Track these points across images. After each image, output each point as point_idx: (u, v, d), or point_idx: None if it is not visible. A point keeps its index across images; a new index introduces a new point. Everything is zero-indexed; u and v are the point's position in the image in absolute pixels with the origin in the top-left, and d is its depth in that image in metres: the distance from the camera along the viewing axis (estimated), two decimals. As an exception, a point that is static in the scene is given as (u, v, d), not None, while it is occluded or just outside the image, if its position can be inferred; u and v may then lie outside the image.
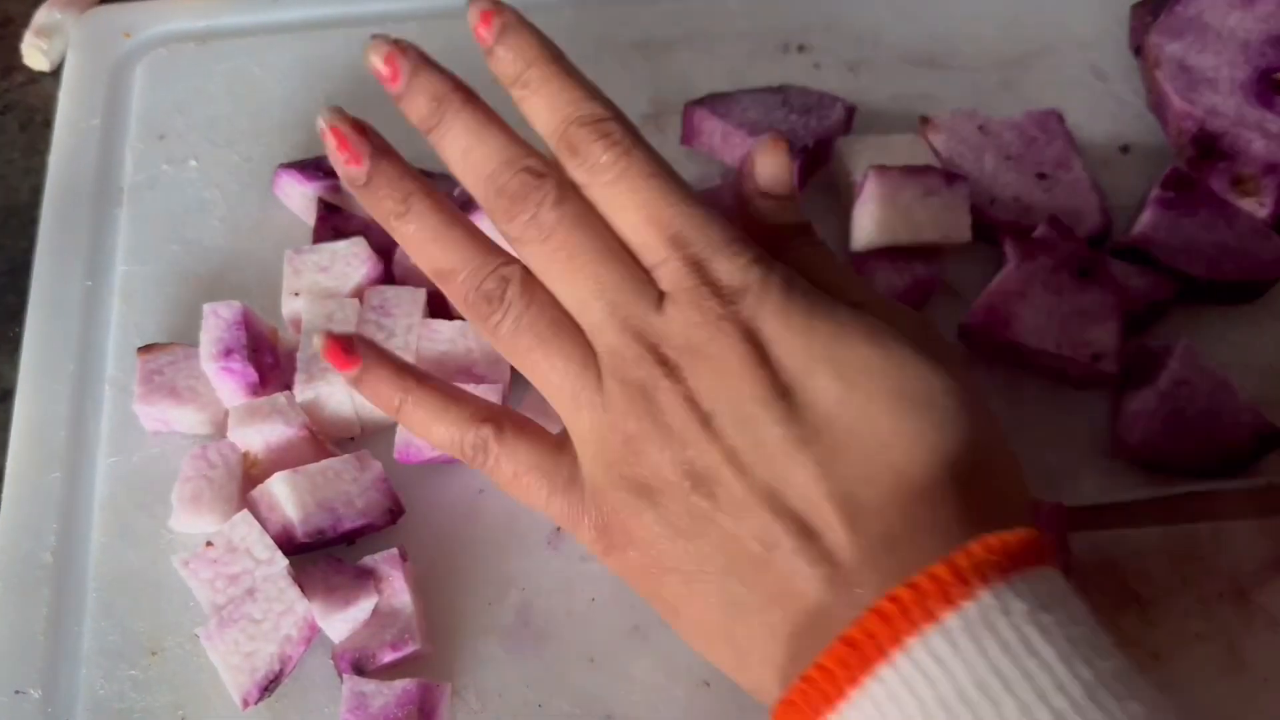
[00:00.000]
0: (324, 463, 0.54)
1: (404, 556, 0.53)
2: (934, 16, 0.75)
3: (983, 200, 0.64)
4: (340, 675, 0.50)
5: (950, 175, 0.61)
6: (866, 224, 0.61)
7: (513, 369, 0.57)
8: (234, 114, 0.70)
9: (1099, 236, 0.63)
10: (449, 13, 0.75)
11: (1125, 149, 0.69)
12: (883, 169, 0.61)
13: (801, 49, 0.73)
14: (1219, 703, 0.52)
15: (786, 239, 0.49)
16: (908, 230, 0.61)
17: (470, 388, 0.54)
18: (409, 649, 0.51)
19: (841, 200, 0.65)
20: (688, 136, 0.67)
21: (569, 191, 0.46)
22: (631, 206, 0.45)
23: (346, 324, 0.57)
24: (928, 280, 0.61)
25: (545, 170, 0.46)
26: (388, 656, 0.51)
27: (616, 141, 0.45)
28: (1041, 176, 0.65)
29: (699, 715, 0.52)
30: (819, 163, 0.65)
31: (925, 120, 0.67)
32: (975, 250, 0.64)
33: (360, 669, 0.50)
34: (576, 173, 0.46)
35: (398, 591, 0.52)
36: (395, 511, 0.55)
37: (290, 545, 0.53)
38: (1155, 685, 0.38)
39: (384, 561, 0.53)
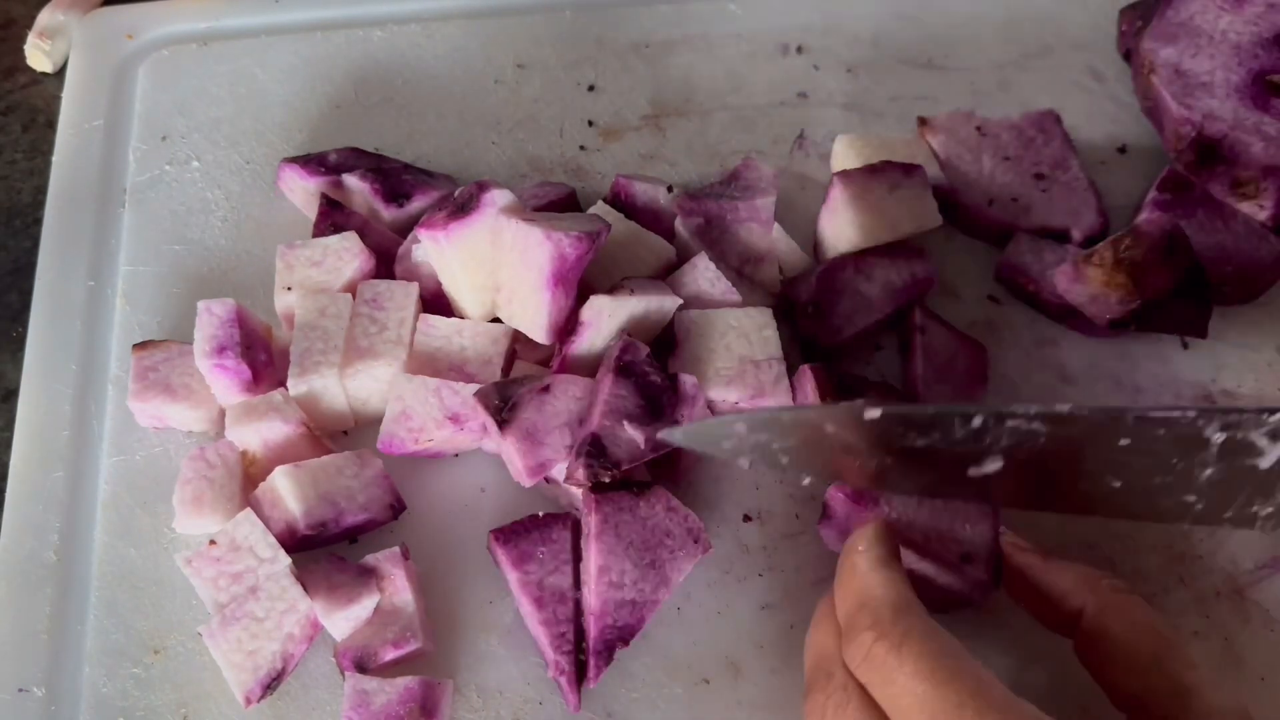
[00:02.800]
0: (325, 458, 0.54)
1: (406, 555, 0.54)
2: (932, 18, 0.75)
3: (980, 200, 0.64)
4: (342, 673, 0.51)
5: (906, 166, 0.61)
6: (847, 230, 0.61)
7: (505, 369, 0.58)
8: (236, 115, 0.70)
9: (1097, 236, 0.64)
10: (450, 15, 0.75)
11: (1123, 149, 0.70)
12: (844, 173, 0.61)
13: (800, 50, 0.74)
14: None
15: None
16: (887, 228, 0.61)
17: (460, 386, 0.54)
18: (411, 646, 0.51)
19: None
20: None
21: None
22: None
23: (339, 318, 0.57)
24: (926, 279, 0.62)
25: None
26: (390, 654, 0.51)
27: None
28: (1039, 177, 0.65)
29: (699, 712, 0.52)
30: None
31: (923, 121, 0.67)
32: (972, 247, 0.65)
33: (362, 667, 0.50)
34: None
35: (400, 590, 0.52)
36: (397, 507, 0.55)
37: (293, 540, 0.53)
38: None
39: (386, 560, 0.53)
